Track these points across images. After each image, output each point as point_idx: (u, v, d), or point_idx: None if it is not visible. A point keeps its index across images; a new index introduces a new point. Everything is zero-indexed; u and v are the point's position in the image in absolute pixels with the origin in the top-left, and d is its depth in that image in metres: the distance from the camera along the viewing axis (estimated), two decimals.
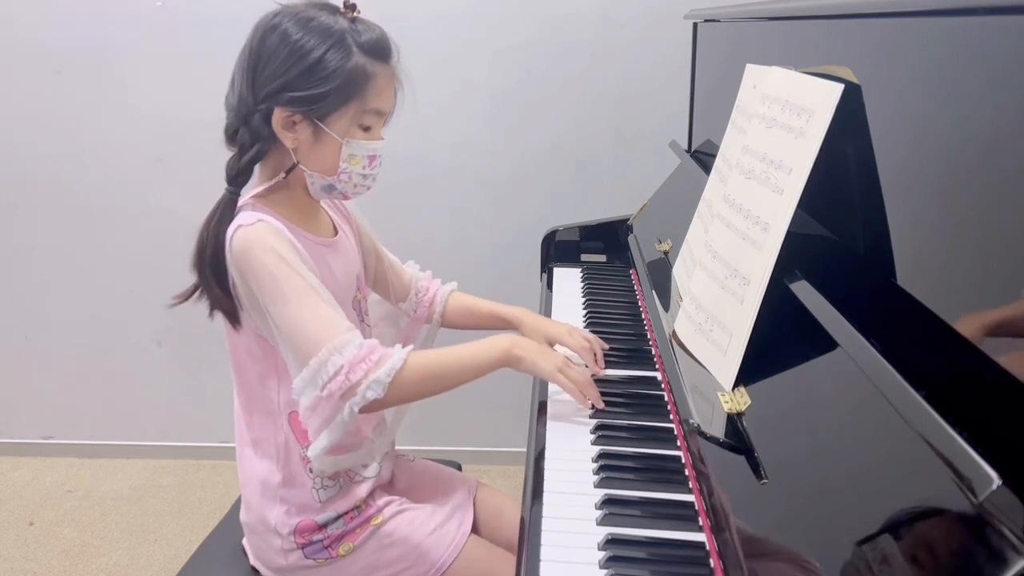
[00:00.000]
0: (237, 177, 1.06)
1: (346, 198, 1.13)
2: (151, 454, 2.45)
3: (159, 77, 2.16)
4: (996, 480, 0.50)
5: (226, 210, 1.05)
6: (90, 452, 2.45)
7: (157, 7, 2.10)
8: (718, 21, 1.57)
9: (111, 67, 2.15)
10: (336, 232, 1.18)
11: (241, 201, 1.07)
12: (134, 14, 2.11)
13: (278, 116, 1.03)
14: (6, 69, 2.16)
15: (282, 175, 1.08)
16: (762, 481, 0.78)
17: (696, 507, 0.88)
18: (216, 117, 2.18)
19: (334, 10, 1.05)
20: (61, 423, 2.45)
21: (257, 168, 1.09)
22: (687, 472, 0.95)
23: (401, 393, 1.01)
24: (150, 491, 2.30)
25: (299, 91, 1.01)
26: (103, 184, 2.24)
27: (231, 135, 1.07)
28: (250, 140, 1.04)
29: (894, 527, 0.59)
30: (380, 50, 1.05)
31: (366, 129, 1.07)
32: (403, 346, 1.22)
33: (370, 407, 1.00)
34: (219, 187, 1.10)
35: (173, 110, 2.18)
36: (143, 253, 2.29)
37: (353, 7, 1.06)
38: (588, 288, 1.59)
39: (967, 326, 0.65)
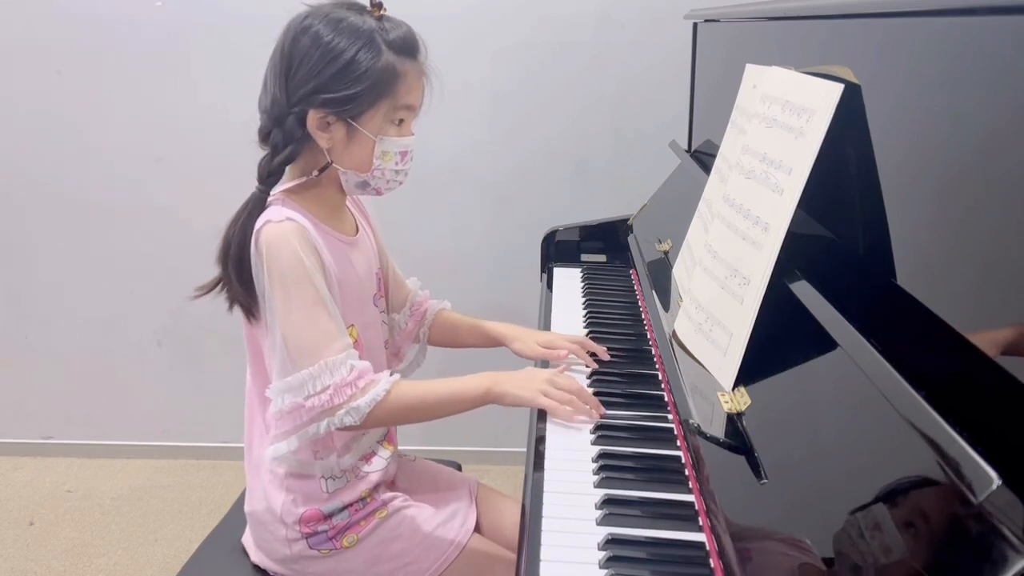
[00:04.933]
0: (269, 177, 1.07)
1: (379, 194, 1.15)
2: (151, 454, 2.45)
3: (159, 77, 2.16)
4: (996, 480, 0.50)
5: (255, 208, 1.06)
6: (90, 452, 2.45)
7: (157, 7, 2.10)
8: (718, 21, 1.57)
9: (111, 67, 2.15)
10: (358, 230, 1.20)
11: (271, 195, 1.09)
12: (134, 14, 2.11)
13: (312, 118, 1.05)
14: (6, 69, 2.16)
15: (315, 173, 1.10)
16: (762, 481, 0.78)
17: (696, 507, 0.88)
18: (216, 118, 2.17)
19: (361, 9, 1.07)
20: (61, 423, 2.45)
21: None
22: (687, 472, 0.95)
23: (378, 421, 1.06)
24: (150, 491, 2.30)
25: (332, 92, 1.03)
26: (103, 184, 2.24)
27: (264, 136, 1.08)
28: (283, 142, 1.05)
29: (894, 527, 0.59)
30: (408, 47, 1.07)
31: (399, 124, 1.09)
32: (394, 357, 1.24)
33: (345, 429, 1.05)
34: (219, 187, 1.10)
35: (173, 110, 2.18)
36: (143, 253, 2.29)
37: (380, 5, 1.08)
38: (588, 288, 1.59)
39: (967, 326, 0.65)
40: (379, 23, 1.06)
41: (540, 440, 1.03)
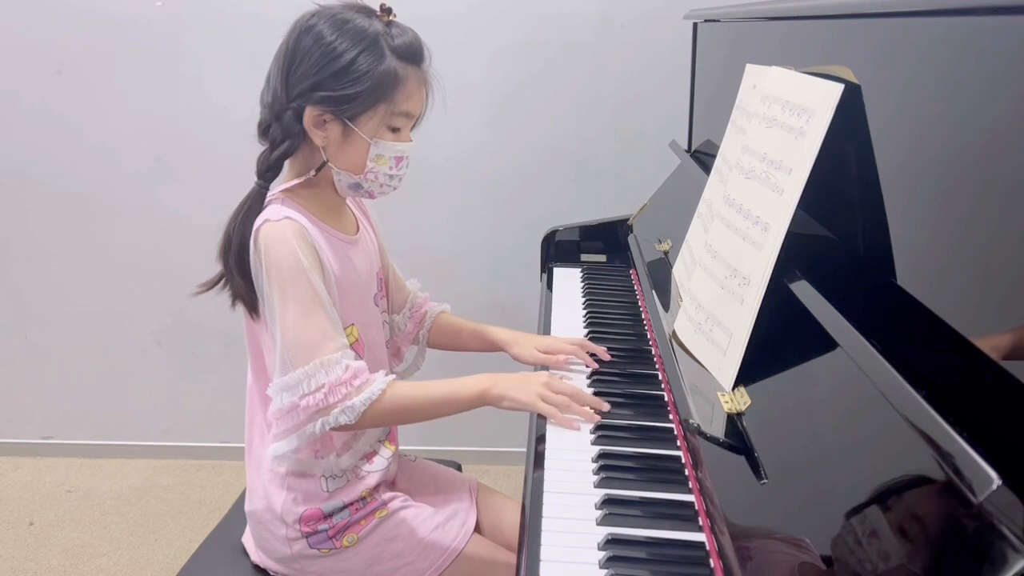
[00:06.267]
0: (267, 172, 1.07)
1: (372, 197, 1.15)
2: (151, 454, 2.45)
3: (159, 77, 2.16)
4: (996, 480, 0.50)
5: (254, 203, 1.07)
6: (90, 452, 2.46)
7: (157, 7, 2.10)
8: (718, 21, 1.57)
9: (111, 67, 2.15)
10: (358, 229, 1.20)
11: (271, 194, 1.09)
12: (134, 14, 2.11)
13: (309, 114, 1.05)
14: (6, 69, 2.16)
15: (312, 172, 1.10)
16: (762, 481, 0.78)
17: (696, 507, 0.88)
18: (216, 117, 2.17)
19: (370, 13, 1.07)
20: (61, 423, 2.45)
21: (287, 163, 1.11)
22: (687, 472, 0.95)
23: (373, 421, 1.06)
24: (150, 491, 2.30)
25: (330, 91, 1.03)
26: (103, 184, 2.24)
27: (263, 130, 1.09)
28: (281, 136, 1.06)
29: (894, 527, 0.59)
30: (412, 54, 1.07)
31: (395, 130, 1.09)
32: (395, 357, 1.23)
33: (341, 428, 1.04)
34: (219, 186, 1.10)
35: (173, 110, 2.18)
36: (143, 253, 2.29)
37: (389, 11, 1.08)
38: (588, 288, 1.59)
39: (967, 326, 0.65)
40: (386, 28, 1.06)
41: (540, 440, 1.03)
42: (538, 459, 0.99)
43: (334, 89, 1.03)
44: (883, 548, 0.58)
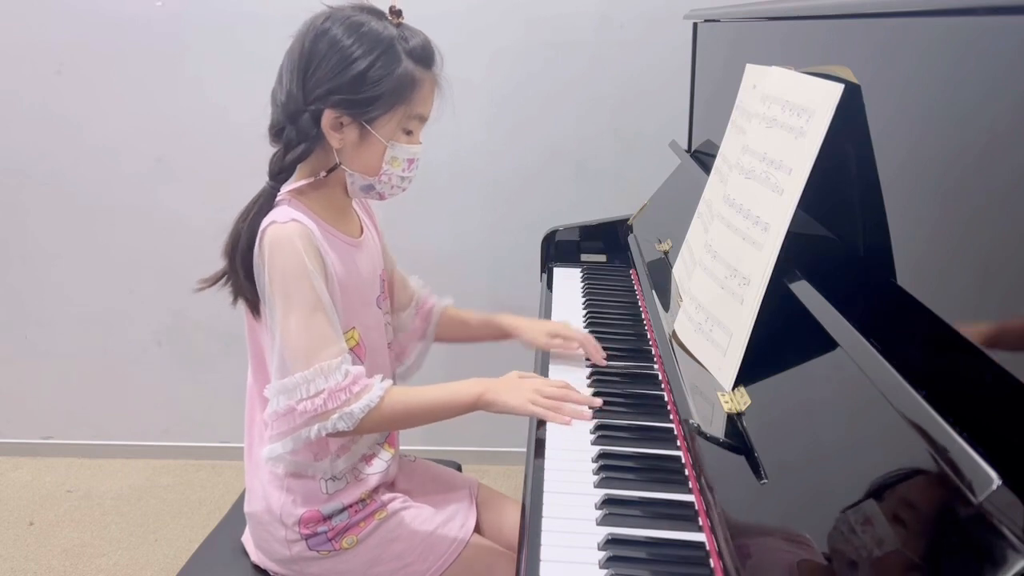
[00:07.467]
0: (280, 174, 1.07)
1: (382, 198, 1.16)
2: (151, 454, 2.45)
3: (159, 77, 2.16)
4: (996, 480, 0.50)
5: (265, 203, 1.07)
6: (90, 452, 2.46)
7: (157, 7, 2.10)
8: (718, 21, 1.57)
9: (111, 67, 2.15)
10: (362, 231, 1.20)
11: (279, 194, 1.09)
12: (134, 14, 2.11)
13: (327, 117, 1.05)
14: (6, 69, 2.16)
15: (323, 174, 1.10)
16: (762, 481, 0.78)
17: (696, 507, 0.88)
18: (217, 117, 2.17)
19: (381, 15, 1.07)
20: (61, 423, 2.45)
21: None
22: (687, 472, 0.95)
23: (371, 427, 1.06)
24: (150, 491, 2.30)
25: (350, 95, 1.04)
26: (103, 184, 2.24)
27: (277, 132, 1.08)
28: (297, 138, 1.06)
29: (894, 527, 0.59)
30: (426, 56, 1.08)
31: (408, 133, 1.10)
32: (396, 359, 1.23)
33: (337, 435, 1.04)
34: (219, 186, 1.10)
35: (173, 110, 2.18)
36: (143, 253, 2.29)
37: (399, 13, 1.08)
38: (588, 288, 1.59)
39: (967, 326, 0.65)
40: (399, 31, 1.06)
41: (540, 440, 1.03)
42: (538, 459, 0.99)
43: (354, 93, 1.03)
44: (883, 548, 0.58)
